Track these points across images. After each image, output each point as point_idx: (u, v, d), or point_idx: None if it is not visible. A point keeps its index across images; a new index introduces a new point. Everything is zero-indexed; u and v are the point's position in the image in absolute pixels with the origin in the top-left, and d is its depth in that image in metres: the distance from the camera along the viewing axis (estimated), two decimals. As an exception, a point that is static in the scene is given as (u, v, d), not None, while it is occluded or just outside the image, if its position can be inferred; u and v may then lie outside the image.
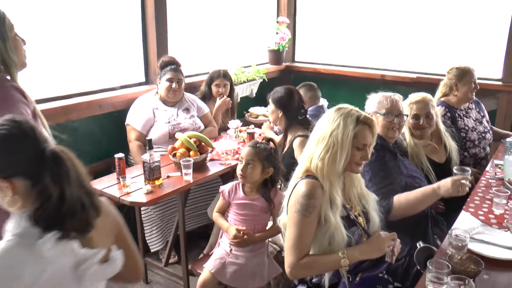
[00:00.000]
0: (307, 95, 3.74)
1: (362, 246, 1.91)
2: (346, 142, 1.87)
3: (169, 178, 2.86)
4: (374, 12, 4.95)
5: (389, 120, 2.58)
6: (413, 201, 2.32)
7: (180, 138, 3.02)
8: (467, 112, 3.48)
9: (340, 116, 1.91)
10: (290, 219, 1.88)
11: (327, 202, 1.87)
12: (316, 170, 1.90)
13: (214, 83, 3.84)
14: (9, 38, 1.62)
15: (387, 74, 4.70)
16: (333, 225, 1.86)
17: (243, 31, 4.86)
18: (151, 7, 3.69)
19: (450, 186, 2.23)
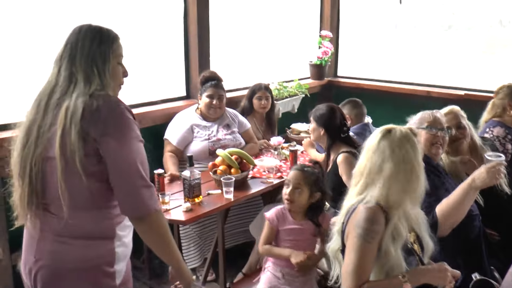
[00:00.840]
0: (352, 113, 3.63)
1: (425, 270, 1.82)
2: (421, 161, 1.83)
3: (209, 195, 2.81)
4: (418, 26, 4.83)
5: (432, 134, 2.47)
6: (454, 204, 2.20)
7: (221, 155, 2.97)
8: None
9: (403, 139, 1.81)
10: (350, 244, 1.78)
11: (389, 235, 1.77)
12: (388, 201, 1.78)
13: (256, 96, 3.78)
14: (109, 61, 1.65)
15: (433, 91, 4.54)
16: (394, 259, 1.76)
17: (285, 45, 4.81)
18: (194, 22, 3.69)
19: (485, 175, 2.10)
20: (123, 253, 1.72)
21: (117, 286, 1.70)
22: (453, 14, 28.41)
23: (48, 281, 1.63)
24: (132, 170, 1.57)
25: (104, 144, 1.54)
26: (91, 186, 1.58)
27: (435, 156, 2.52)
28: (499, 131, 3.18)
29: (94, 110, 1.53)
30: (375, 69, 5.05)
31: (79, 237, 1.62)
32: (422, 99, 4.48)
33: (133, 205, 1.59)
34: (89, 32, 1.64)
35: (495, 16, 27.26)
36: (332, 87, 5.16)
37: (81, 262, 1.62)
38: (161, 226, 1.67)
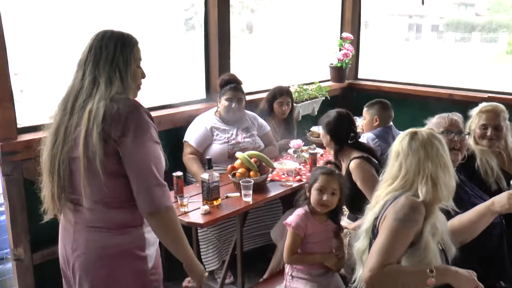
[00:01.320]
0: (381, 115, 3.57)
1: (455, 271, 1.77)
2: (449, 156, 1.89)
3: (227, 198, 2.80)
4: (439, 28, 4.76)
5: (449, 138, 2.39)
6: (467, 223, 2.10)
7: (240, 158, 2.96)
8: None
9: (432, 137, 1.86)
10: (387, 225, 1.76)
11: (429, 228, 1.79)
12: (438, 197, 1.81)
13: (278, 101, 3.77)
14: (131, 64, 1.77)
15: (455, 93, 4.47)
16: (432, 253, 1.76)
17: (305, 48, 4.79)
18: (214, 24, 3.70)
19: (506, 201, 2.02)
20: (153, 238, 1.85)
21: (149, 269, 1.83)
22: (476, 15, 27.92)
23: (86, 268, 1.76)
24: (146, 169, 1.69)
25: (122, 144, 1.66)
26: (114, 183, 1.71)
27: (453, 162, 2.46)
28: None
29: (115, 113, 1.65)
30: (395, 72, 4.98)
31: (110, 227, 1.75)
32: (444, 102, 4.41)
33: (145, 202, 1.70)
34: (112, 39, 1.75)
35: (519, 17, 26.51)
36: (353, 89, 5.11)
37: (114, 247, 1.75)
38: (172, 222, 1.78)
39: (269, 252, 3.26)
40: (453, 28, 30.80)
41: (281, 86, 3.83)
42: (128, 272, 1.79)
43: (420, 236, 1.76)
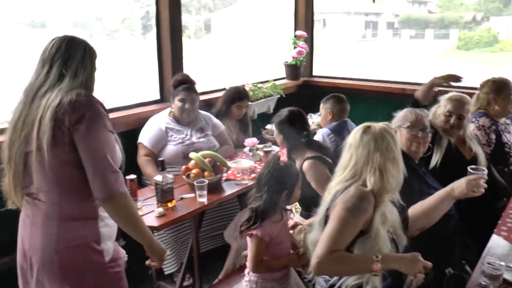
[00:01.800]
0: (335, 108, 3.61)
1: (399, 257, 1.83)
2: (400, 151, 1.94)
3: (182, 200, 2.76)
4: (395, 25, 4.86)
5: (413, 134, 2.49)
6: (428, 209, 2.22)
7: (194, 158, 2.93)
8: (506, 128, 3.34)
9: (384, 132, 1.90)
10: (336, 213, 1.81)
11: (379, 216, 1.84)
12: (384, 188, 1.85)
13: (236, 105, 3.76)
14: (95, 71, 1.91)
15: (408, 88, 4.57)
16: (383, 240, 1.81)
17: (259, 46, 4.79)
18: (165, 25, 3.65)
19: (464, 186, 2.15)
20: (108, 233, 1.90)
21: (107, 262, 1.88)
22: (429, 12, 28.69)
23: (44, 262, 1.81)
24: (100, 156, 1.75)
25: (77, 131, 1.71)
26: (67, 173, 1.77)
27: (415, 155, 2.53)
28: (484, 121, 3.25)
29: (69, 101, 1.71)
30: (353, 69, 5.05)
31: (66, 220, 1.80)
32: (397, 97, 4.50)
33: (101, 188, 1.76)
34: (82, 44, 1.87)
35: (469, 15, 27.55)
36: (308, 87, 5.15)
37: (70, 241, 1.80)
38: (127, 207, 1.84)
39: (227, 252, 3.24)
40: (407, 25, 31.67)
41: (239, 88, 3.82)
42: (85, 265, 1.83)
43: (370, 225, 1.80)
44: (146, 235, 1.95)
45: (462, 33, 28.65)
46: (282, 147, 3.08)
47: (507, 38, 25.81)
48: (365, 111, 4.01)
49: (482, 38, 26.97)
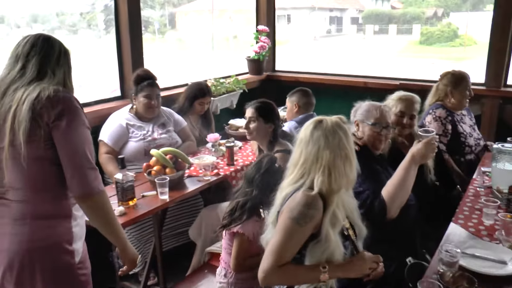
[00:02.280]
0: (301, 101, 3.64)
1: (345, 264, 1.81)
2: (353, 147, 1.86)
3: (144, 197, 2.71)
4: (359, 20, 4.93)
5: (377, 131, 2.50)
6: (398, 182, 2.27)
7: (155, 155, 2.88)
8: (462, 118, 3.43)
9: (335, 127, 1.82)
10: (281, 224, 1.75)
11: (329, 220, 1.76)
12: (328, 188, 1.76)
13: (199, 101, 3.72)
14: (71, 70, 1.88)
15: (370, 82, 4.63)
16: (334, 243, 1.76)
17: (221, 41, 4.77)
18: (124, 20, 3.57)
19: (424, 150, 2.25)
20: (80, 233, 1.87)
21: (76, 263, 1.84)
22: (392, 8, 29.04)
23: (11, 263, 1.75)
24: (80, 153, 1.73)
25: (56, 128, 1.68)
26: (41, 169, 1.73)
27: (376, 150, 2.56)
28: (441, 112, 3.34)
29: (47, 96, 1.68)
30: (317, 63, 5.09)
31: (38, 218, 1.76)
32: (360, 90, 4.56)
33: (79, 185, 1.73)
34: (57, 43, 1.84)
35: (431, 10, 28.07)
36: (271, 81, 5.15)
37: (41, 241, 1.75)
38: (105, 205, 1.82)
39: (192, 249, 3.21)
40: (371, 20, 32.12)
41: (201, 85, 3.78)
42: (54, 266, 1.78)
43: (320, 229, 1.75)
44: (121, 236, 1.92)
45: (424, 28, 29.26)
46: (258, 139, 3.06)
47: (466, 33, 26.49)
48: (328, 104, 4.03)
49: (443, 33, 27.58)
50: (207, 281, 2.64)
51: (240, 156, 3.44)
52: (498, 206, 2.33)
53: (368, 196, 2.27)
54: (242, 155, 3.49)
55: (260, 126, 2.95)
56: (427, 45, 26.96)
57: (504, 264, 1.87)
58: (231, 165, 3.24)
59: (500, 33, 4.00)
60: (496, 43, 4.04)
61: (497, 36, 4.02)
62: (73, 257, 1.82)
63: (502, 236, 2.05)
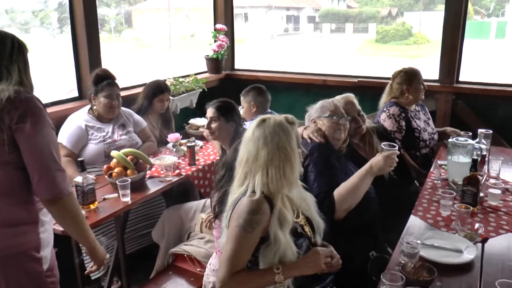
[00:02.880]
0: (257, 100, 3.64)
1: (299, 262, 1.81)
2: (296, 147, 1.80)
3: (105, 200, 2.66)
4: (316, 19, 4.98)
5: (335, 122, 2.58)
6: (351, 188, 2.31)
7: (115, 156, 2.84)
8: (416, 114, 3.53)
9: (276, 127, 1.79)
10: (231, 233, 1.75)
11: (276, 221, 1.75)
12: (268, 188, 1.76)
13: (158, 98, 3.67)
14: (29, 66, 1.80)
15: (329, 79, 4.70)
16: (284, 244, 1.75)
17: (179, 40, 4.73)
18: (80, 18, 3.48)
19: (382, 162, 2.28)
20: (47, 239, 1.83)
21: (44, 271, 1.80)
22: (348, 7, 29.70)
23: None
24: (47, 155, 1.68)
25: (19, 130, 1.63)
26: (5, 174, 1.68)
27: (337, 141, 2.61)
28: (394, 110, 3.42)
29: (7, 98, 1.63)
30: (276, 62, 5.12)
31: (3, 225, 1.70)
32: (318, 88, 4.62)
33: (47, 187, 1.68)
34: (9, 37, 1.75)
35: (385, 10, 28.87)
36: (230, 80, 5.14)
37: (8, 249, 1.70)
38: (74, 207, 1.78)
39: (156, 251, 3.17)
40: (328, 19, 32.66)
41: (159, 82, 3.73)
42: (22, 275, 1.74)
43: (268, 231, 1.75)
44: (91, 236, 1.89)
45: (379, 27, 30.04)
46: (219, 139, 3.06)
47: (419, 31, 27.32)
48: (288, 103, 4.08)
49: (398, 32, 28.37)
50: (172, 283, 2.62)
51: (201, 156, 3.42)
52: (454, 198, 2.42)
53: (319, 193, 2.31)
54: (204, 154, 3.48)
55: (222, 126, 2.94)
56: (383, 43, 27.67)
57: (460, 252, 1.94)
58: (192, 164, 3.22)
59: (451, 31, 4.15)
60: (448, 41, 4.18)
61: (449, 35, 4.17)
62: (41, 265, 1.77)
63: (458, 226, 2.13)
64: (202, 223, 2.84)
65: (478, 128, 3.40)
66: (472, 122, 4.06)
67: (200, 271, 2.59)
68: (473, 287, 1.74)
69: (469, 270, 1.85)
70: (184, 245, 2.78)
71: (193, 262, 2.66)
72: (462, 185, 2.44)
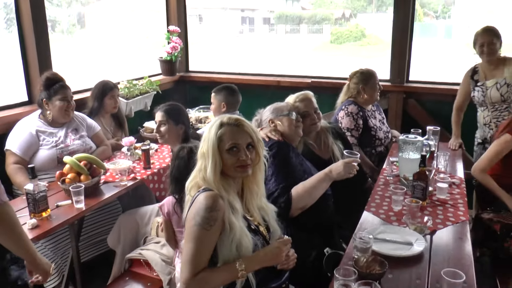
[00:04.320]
0: (227, 100, 3.65)
1: (259, 254, 1.84)
2: (211, 149, 1.83)
3: (58, 207, 2.59)
4: (271, 21, 5.02)
5: (293, 118, 2.65)
6: (309, 188, 2.36)
7: (68, 162, 2.77)
8: (372, 114, 3.63)
9: (209, 128, 1.87)
10: (189, 233, 1.76)
11: (228, 208, 1.80)
12: (208, 183, 1.82)
13: (109, 96, 3.62)
14: None
15: (283, 80, 4.76)
16: (239, 230, 1.78)
17: (132, 42, 4.67)
18: (28, 19, 3.38)
19: (342, 168, 2.33)
20: None
21: None
22: (302, 9, 30.09)
23: None
24: None
25: None
26: None
27: (297, 138, 2.69)
28: (352, 108, 3.51)
29: None
30: (231, 63, 5.14)
31: None
32: (273, 89, 4.67)
33: None
34: None
35: (339, 12, 29.36)
36: (185, 82, 5.13)
37: None
38: (11, 217, 1.70)
39: (113, 257, 3.11)
40: (283, 21, 32.97)
41: (105, 80, 3.68)
42: None
43: (223, 223, 1.78)
44: (30, 248, 1.80)
45: (334, 28, 30.62)
46: (168, 142, 3.05)
47: (372, 33, 28.01)
48: (243, 105, 4.10)
49: (352, 33, 28.99)
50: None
51: (156, 159, 3.39)
52: (405, 193, 2.50)
53: (276, 189, 2.35)
54: (159, 157, 3.44)
55: (171, 129, 2.97)
56: (338, 44, 28.18)
57: (411, 245, 2.02)
58: (147, 168, 3.19)
59: (400, 33, 4.29)
60: (397, 42, 4.33)
61: (398, 36, 4.31)
62: None
63: (408, 220, 2.21)
64: (158, 227, 2.82)
65: (428, 125, 3.54)
66: (422, 120, 4.22)
67: (157, 275, 2.57)
68: (422, 277, 1.80)
69: (418, 262, 1.92)
70: (140, 250, 2.74)
71: (150, 266, 2.63)
72: (412, 180, 2.52)
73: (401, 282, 1.78)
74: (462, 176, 2.93)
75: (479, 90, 3.54)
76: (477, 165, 3.02)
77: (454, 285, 1.61)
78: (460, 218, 2.32)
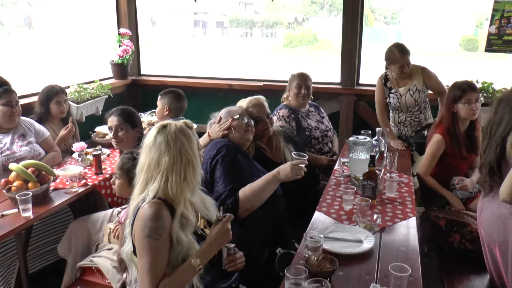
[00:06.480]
0: (173, 105, 3.61)
1: (208, 241, 1.86)
2: (197, 151, 1.88)
3: (3, 217, 2.50)
4: (224, 24, 5.04)
5: (244, 122, 2.67)
6: (257, 190, 2.38)
7: (14, 169, 2.68)
8: (308, 115, 3.74)
9: (178, 132, 1.85)
10: (141, 246, 1.75)
11: (177, 224, 1.79)
12: (168, 193, 1.80)
13: (54, 101, 3.52)
14: None
15: (235, 83, 4.78)
16: (186, 244, 1.80)
17: (82, 44, 4.57)
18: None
19: (289, 170, 2.35)
20: None
21: None
22: (255, 13, 30.26)
23: None
24: None
25: None
26: None
27: (247, 142, 2.71)
28: (284, 112, 3.63)
29: None
30: (184, 66, 5.12)
31: None
32: (225, 92, 4.70)
33: None
34: None
35: (291, 16, 29.82)
36: (137, 85, 5.08)
37: None
38: None
39: (63, 267, 3.02)
40: (236, 24, 33.07)
41: (52, 85, 3.58)
42: None
43: (170, 235, 1.79)
44: None
45: (287, 32, 31.00)
46: (125, 147, 3.00)
47: (324, 37, 28.54)
48: (195, 108, 4.09)
49: (304, 37, 29.44)
50: (81, 297, 2.52)
51: (108, 164, 3.32)
52: (355, 192, 2.56)
53: (224, 191, 2.38)
54: (111, 162, 3.38)
55: (129, 132, 2.94)
56: (291, 48, 28.52)
57: (361, 243, 2.08)
58: (99, 174, 3.12)
59: (349, 38, 4.41)
60: (347, 46, 4.44)
61: (347, 41, 4.43)
62: None
63: (358, 218, 2.27)
64: (110, 233, 2.76)
65: (378, 126, 3.64)
66: (372, 121, 4.33)
67: (109, 282, 2.52)
68: (371, 273, 1.86)
69: (368, 258, 1.98)
70: (92, 257, 2.68)
71: (102, 274, 2.57)
72: (363, 180, 2.60)
73: (351, 279, 1.83)
74: (410, 175, 3.04)
75: (394, 97, 3.81)
76: (420, 170, 3.25)
77: (401, 278, 1.67)
78: (408, 215, 2.41)
